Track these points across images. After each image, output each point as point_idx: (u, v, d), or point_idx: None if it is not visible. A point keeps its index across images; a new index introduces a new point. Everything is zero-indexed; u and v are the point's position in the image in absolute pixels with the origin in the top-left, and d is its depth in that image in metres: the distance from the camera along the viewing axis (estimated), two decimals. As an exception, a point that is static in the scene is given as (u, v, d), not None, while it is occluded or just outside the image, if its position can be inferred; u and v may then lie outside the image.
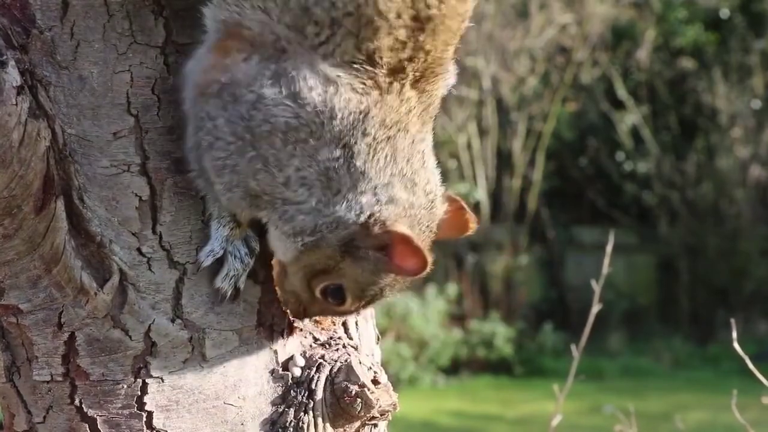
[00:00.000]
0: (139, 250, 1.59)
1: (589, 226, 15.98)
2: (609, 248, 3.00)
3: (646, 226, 16.03)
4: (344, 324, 1.77)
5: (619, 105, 15.75)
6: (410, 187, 1.56)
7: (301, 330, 1.72)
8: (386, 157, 1.53)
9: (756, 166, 15.42)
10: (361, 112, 1.50)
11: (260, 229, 1.63)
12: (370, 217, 1.53)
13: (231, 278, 1.61)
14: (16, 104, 1.49)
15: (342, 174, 1.52)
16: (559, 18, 15.03)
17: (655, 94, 15.90)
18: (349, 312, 1.66)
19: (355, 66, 1.49)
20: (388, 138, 1.53)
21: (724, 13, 15.86)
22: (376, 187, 1.53)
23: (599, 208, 16.03)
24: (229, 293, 1.62)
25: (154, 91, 1.59)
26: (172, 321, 1.61)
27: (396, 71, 1.51)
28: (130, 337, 1.59)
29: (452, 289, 13.58)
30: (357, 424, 1.69)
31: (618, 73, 15.75)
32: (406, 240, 1.53)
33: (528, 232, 15.16)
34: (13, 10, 1.56)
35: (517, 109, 15.07)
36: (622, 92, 15.61)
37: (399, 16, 1.48)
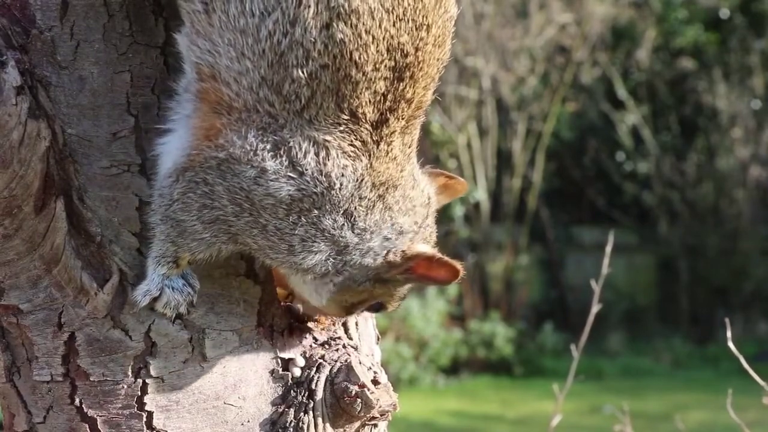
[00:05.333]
0: (139, 250, 1.59)
1: (589, 226, 15.98)
2: (609, 248, 3.00)
3: (646, 226, 16.03)
4: (344, 324, 1.77)
5: (619, 105, 15.75)
6: (410, 212, 1.58)
7: (301, 331, 1.72)
8: (381, 210, 1.54)
9: (756, 166, 15.42)
10: (356, 180, 1.50)
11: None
12: (387, 254, 1.56)
13: (172, 308, 1.59)
14: (16, 104, 1.49)
15: (348, 235, 1.53)
16: (558, 18, 15.02)
17: (655, 94, 15.90)
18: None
19: (341, 128, 1.47)
20: (380, 196, 1.53)
21: (724, 13, 15.86)
22: (382, 231, 1.55)
23: (599, 208, 16.03)
24: (173, 318, 1.60)
25: (154, 91, 1.59)
26: (172, 321, 1.61)
27: (380, 124, 1.49)
28: (130, 337, 1.59)
29: (452, 289, 13.57)
30: (357, 424, 1.69)
31: (618, 73, 15.75)
32: (429, 258, 1.57)
33: (528, 232, 15.16)
34: (13, 10, 1.56)
35: (517, 109, 15.07)
36: (622, 92, 15.61)
37: (376, 68, 1.45)
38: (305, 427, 1.65)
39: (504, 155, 15.21)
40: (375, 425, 1.73)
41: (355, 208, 1.51)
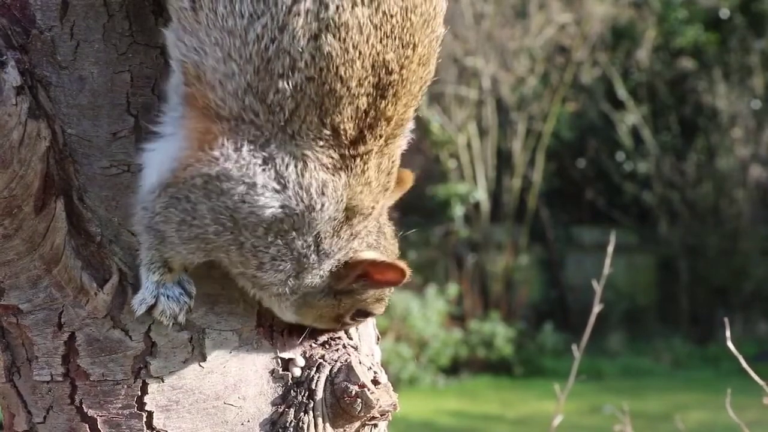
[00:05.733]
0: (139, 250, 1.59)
1: (589, 226, 15.99)
2: (610, 248, 3.00)
3: (646, 226, 16.03)
4: (344, 324, 1.77)
5: (619, 105, 15.75)
6: (364, 237, 1.59)
7: (301, 331, 1.72)
8: (347, 237, 1.56)
9: (756, 166, 15.42)
10: (335, 200, 1.50)
11: None
12: (333, 267, 1.57)
13: (169, 316, 1.59)
14: (16, 104, 1.49)
15: (311, 257, 1.54)
16: (558, 18, 15.02)
17: (655, 94, 15.90)
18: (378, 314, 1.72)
19: (321, 143, 1.47)
20: (347, 218, 1.54)
21: (724, 13, 15.86)
22: (337, 255, 1.56)
23: (599, 208, 16.03)
24: (170, 326, 1.60)
25: (154, 91, 1.59)
26: (169, 326, 1.61)
27: (358, 142, 1.49)
28: (130, 337, 1.59)
29: (452, 289, 13.58)
30: (357, 424, 1.69)
31: (618, 73, 15.75)
32: (373, 262, 1.58)
33: (528, 232, 15.16)
34: (13, 10, 1.56)
35: (517, 109, 15.07)
36: (622, 92, 15.61)
37: (360, 83, 1.45)
38: (305, 427, 1.65)
39: (504, 155, 15.21)
40: (375, 425, 1.73)
41: (324, 230, 1.52)
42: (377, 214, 1.59)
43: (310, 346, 1.71)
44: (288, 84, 1.43)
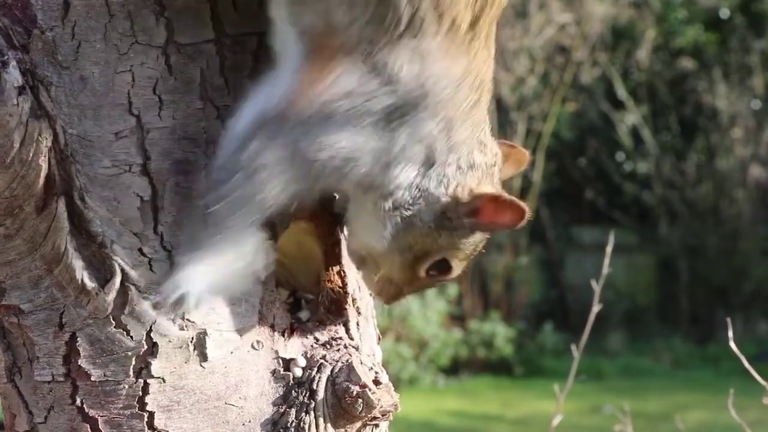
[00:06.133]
0: (140, 250, 1.59)
1: (589, 226, 15.98)
2: (609, 248, 3.00)
3: (646, 226, 16.03)
4: (345, 324, 1.77)
5: (619, 105, 15.75)
6: (483, 150, 1.61)
7: (303, 331, 1.72)
8: (470, 126, 1.57)
9: (756, 166, 15.41)
10: (456, 81, 1.53)
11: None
12: (457, 187, 1.58)
13: None
14: (18, 104, 1.49)
15: (441, 147, 1.55)
16: (558, 17, 15.01)
17: (655, 94, 15.90)
18: (451, 279, 1.71)
19: (440, 36, 1.51)
20: (475, 102, 1.57)
21: (724, 13, 15.86)
22: (460, 158, 1.57)
23: (599, 208, 16.03)
24: None
25: (155, 91, 1.59)
26: (174, 321, 1.61)
27: (473, 25, 1.54)
28: (132, 337, 1.59)
29: (452, 289, 13.58)
30: (358, 424, 1.69)
31: (618, 73, 15.75)
32: (495, 198, 1.59)
33: (528, 232, 15.16)
34: (14, 10, 1.56)
35: (517, 109, 15.07)
36: (622, 92, 15.61)
37: None
38: (306, 427, 1.65)
39: (504, 155, 15.18)
40: (376, 425, 1.74)
41: (453, 113, 1.54)
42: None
43: (312, 346, 1.71)
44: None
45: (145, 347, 1.60)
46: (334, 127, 1.50)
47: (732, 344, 2.49)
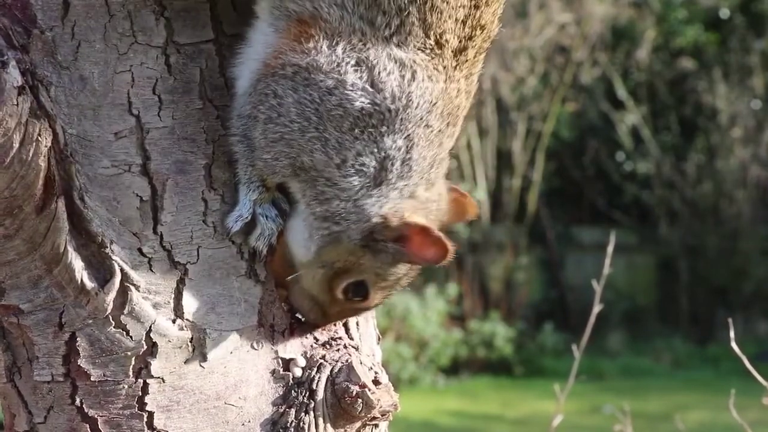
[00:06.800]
0: (140, 250, 1.59)
1: (589, 226, 15.97)
2: (610, 248, 3.00)
3: (646, 226, 16.02)
4: (345, 324, 1.77)
5: (619, 105, 15.74)
6: (429, 188, 1.62)
7: (302, 331, 1.72)
8: (428, 156, 1.58)
9: (756, 166, 15.41)
10: (431, 103, 1.55)
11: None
12: (390, 210, 1.58)
13: (266, 237, 1.62)
14: (17, 104, 1.49)
15: (395, 166, 1.56)
16: (558, 17, 15.01)
17: (655, 94, 15.89)
18: (369, 308, 1.69)
19: (426, 52, 1.54)
20: (439, 131, 1.58)
21: (724, 13, 15.85)
22: (406, 185, 1.58)
23: (599, 208, 16.02)
24: (265, 251, 1.63)
25: (155, 91, 1.59)
26: (173, 321, 1.61)
27: (459, 52, 1.57)
28: (131, 337, 1.59)
29: (452, 289, 13.57)
30: (358, 424, 1.69)
31: (618, 73, 15.75)
32: (424, 230, 1.58)
33: (528, 232, 15.15)
34: (14, 10, 1.56)
35: (517, 109, 15.06)
36: (622, 92, 15.60)
37: None
38: (306, 427, 1.65)
39: (504, 155, 15.20)
40: (376, 425, 1.73)
41: (417, 134, 1.55)
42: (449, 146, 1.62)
43: (311, 346, 1.71)
44: (392, 5, 1.51)
45: (145, 347, 1.60)
46: (305, 94, 1.53)
47: (733, 344, 2.49)
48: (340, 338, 1.73)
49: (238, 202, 1.62)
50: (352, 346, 1.73)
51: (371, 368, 1.72)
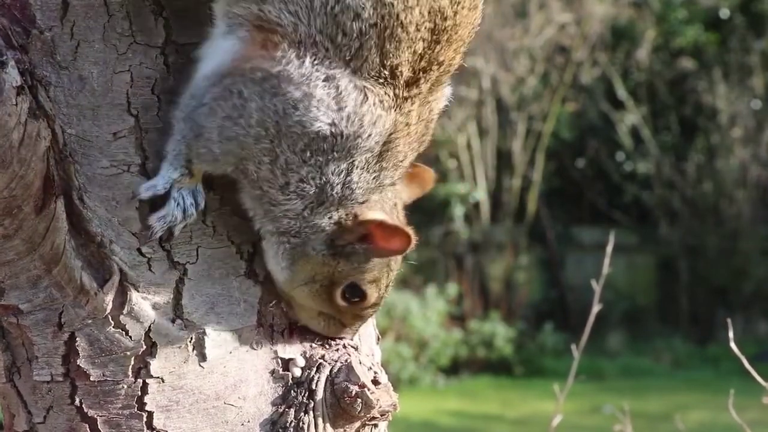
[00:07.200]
0: (139, 250, 1.59)
1: (589, 226, 15.98)
2: (609, 248, 2.99)
3: (646, 226, 16.02)
4: (344, 324, 1.76)
5: (619, 105, 15.75)
6: (380, 192, 1.62)
7: (302, 330, 1.72)
8: (372, 178, 1.57)
9: (756, 166, 15.41)
10: (380, 133, 1.54)
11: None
12: (341, 215, 1.58)
13: (167, 222, 1.58)
14: (16, 104, 1.49)
15: (335, 189, 1.56)
16: (558, 17, 15.02)
17: (655, 94, 15.90)
18: (377, 304, 1.69)
19: (380, 81, 1.53)
20: (380, 154, 1.56)
21: (724, 13, 15.86)
22: (354, 202, 1.58)
23: (599, 208, 16.03)
24: (158, 235, 1.59)
25: (154, 91, 1.59)
26: (173, 321, 1.61)
27: (411, 84, 1.55)
28: (131, 337, 1.59)
29: (452, 289, 13.58)
30: (357, 424, 1.69)
31: (618, 73, 15.75)
32: (382, 224, 1.59)
33: (528, 232, 15.16)
34: (13, 10, 1.56)
35: (517, 109, 15.07)
36: (622, 92, 15.61)
37: (418, 29, 1.51)
38: (305, 427, 1.65)
39: (504, 155, 15.21)
40: (375, 425, 1.73)
41: (359, 160, 1.55)
42: (400, 175, 1.61)
43: (311, 346, 1.71)
44: (354, 27, 1.49)
45: (144, 347, 1.60)
46: (274, 98, 1.52)
47: (732, 344, 2.49)
48: (339, 338, 1.73)
49: (157, 174, 1.57)
50: (352, 346, 1.73)
51: (370, 368, 1.72)
